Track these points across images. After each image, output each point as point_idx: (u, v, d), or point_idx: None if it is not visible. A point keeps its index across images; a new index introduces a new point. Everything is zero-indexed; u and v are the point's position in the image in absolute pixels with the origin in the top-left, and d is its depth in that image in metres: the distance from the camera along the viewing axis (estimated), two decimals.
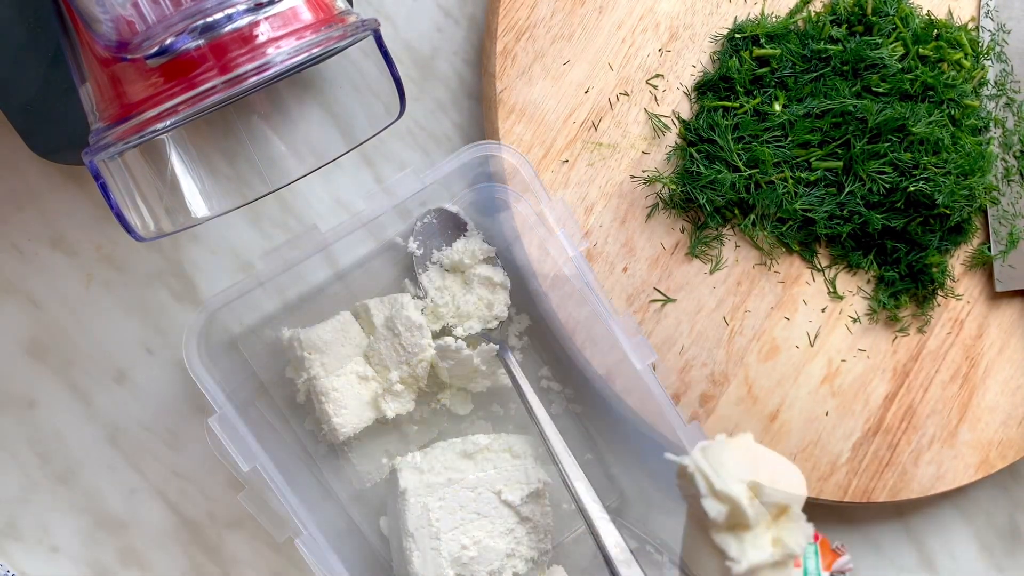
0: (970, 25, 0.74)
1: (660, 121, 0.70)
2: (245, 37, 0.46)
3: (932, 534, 0.76)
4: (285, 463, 0.61)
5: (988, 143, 0.72)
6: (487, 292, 0.68)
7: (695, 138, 0.69)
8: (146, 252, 0.68)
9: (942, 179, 0.69)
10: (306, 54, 0.47)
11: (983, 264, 0.73)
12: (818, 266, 0.71)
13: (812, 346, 0.71)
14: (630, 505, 0.71)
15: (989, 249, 0.73)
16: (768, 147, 0.69)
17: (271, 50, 0.46)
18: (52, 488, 0.67)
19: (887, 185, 0.69)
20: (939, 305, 0.73)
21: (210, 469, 0.68)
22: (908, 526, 0.76)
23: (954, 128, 0.71)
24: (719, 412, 0.70)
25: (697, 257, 0.70)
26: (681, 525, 0.68)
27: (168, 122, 0.46)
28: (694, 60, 0.70)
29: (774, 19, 0.71)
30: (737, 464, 0.49)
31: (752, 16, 0.71)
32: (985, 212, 0.73)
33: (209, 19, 0.46)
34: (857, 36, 0.70)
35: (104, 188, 0.49)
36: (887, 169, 0.69)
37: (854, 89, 0.69)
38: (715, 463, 0.49)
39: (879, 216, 0.70)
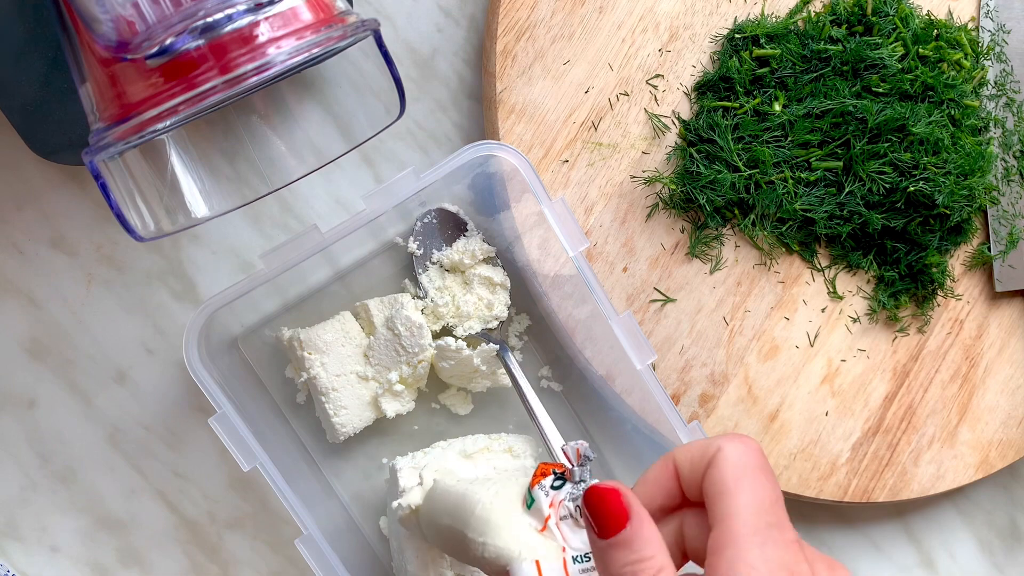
0: (970, 25, 0.74)
1: (660, 121, 0.70)
2: (245, 37, 0.46)
3: (932, 534, 0.76)
4: (285, 463, 0.61)
5: (988, 143, 0.72)
6: (487, 292, 0.68)
7: (695, 138, 0.69)
8: (146, 252, 0.68)
9: (942, 179, 0.69)
10: (306, 54, 0.47)
11: (983, 264, 0.73)
12: (818, 266, 0.71)
13: (812, 346, 0.71)
14: None
15: (989, 249, 0.73)
16: (768, 147, 0.69)
17: (271, 50, 0.46)
18: (52, 488, 0.67)
19: (887, 185, 0.69)
20: (939, 305, 0.73)
21: (210, 469, 0.68)
22: (908, 526, 0.76)
23: (954, 128, 0.71)
24: (719, 412, 0.70)
25: (697, 257, 0.70)
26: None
27: (168, 122, 0.46)
28: (694, 60, 0.70)
29: (774, 19, 0.71)
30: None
31: (752, 16, 0.71)
32: (985, 212, 0.73)
33: (209, 19, 0.45)
34: (857, 36, 0.70)
35: (104, 188, 0.49)
36: (887, 169, 0.69)
37: (854, 89, 0.69)
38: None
39: (879, 216, 0.69)
